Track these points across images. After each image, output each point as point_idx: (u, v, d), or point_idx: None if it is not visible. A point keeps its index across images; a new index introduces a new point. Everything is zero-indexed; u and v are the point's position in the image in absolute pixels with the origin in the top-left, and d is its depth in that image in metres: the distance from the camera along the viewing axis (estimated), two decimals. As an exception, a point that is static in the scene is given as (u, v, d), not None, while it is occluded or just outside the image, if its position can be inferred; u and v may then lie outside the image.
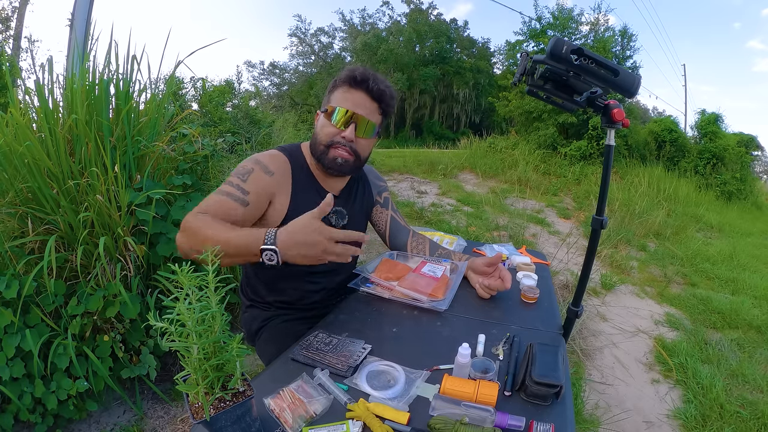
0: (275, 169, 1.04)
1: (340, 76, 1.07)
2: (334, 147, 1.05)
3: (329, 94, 1.08)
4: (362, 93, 1.04)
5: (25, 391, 1.29)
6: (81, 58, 1.67)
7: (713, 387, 1.98)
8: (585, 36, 9.77)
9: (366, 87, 1.04)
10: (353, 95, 1.04)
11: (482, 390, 0.73)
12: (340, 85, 1.06)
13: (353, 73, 1.04)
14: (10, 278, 1.28)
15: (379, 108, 1.07)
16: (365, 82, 1.03)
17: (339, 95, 1.05)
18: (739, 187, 8.58)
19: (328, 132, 1.05)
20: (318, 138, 1.07)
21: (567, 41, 0.85)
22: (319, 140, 1.07)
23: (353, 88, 1.04)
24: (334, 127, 1.04)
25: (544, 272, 1.41)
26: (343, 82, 1.05)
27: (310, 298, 1.17)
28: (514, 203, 5.72)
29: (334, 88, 1.07)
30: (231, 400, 0.59)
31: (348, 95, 1.04)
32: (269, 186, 1.03)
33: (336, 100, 1.05)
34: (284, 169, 1.07)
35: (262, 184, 1.01)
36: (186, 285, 0.55)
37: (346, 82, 1.05)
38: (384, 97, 1.06)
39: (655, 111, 22.54)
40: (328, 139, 1.05)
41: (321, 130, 1.06)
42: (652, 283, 3.52)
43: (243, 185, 0.99)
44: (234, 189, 0.98)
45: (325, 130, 1.05)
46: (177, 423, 1.57)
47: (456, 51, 25.02)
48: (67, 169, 1.46)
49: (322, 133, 1.06)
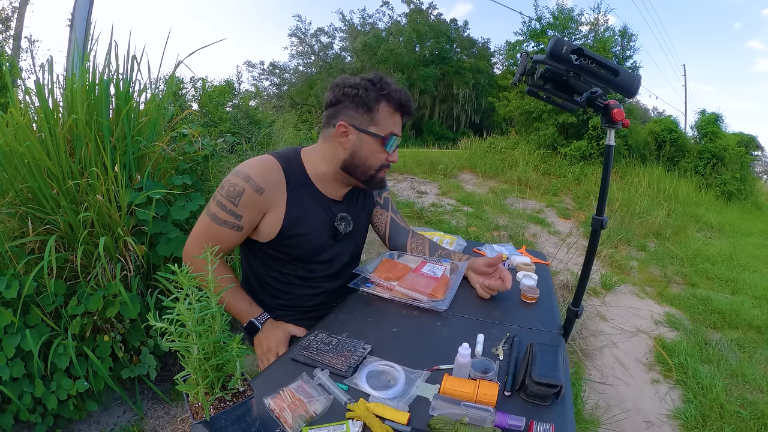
0: (266, 185, 0.98)
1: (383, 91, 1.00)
2: (382, 170, 1.07)
3: (374, 112, 1.00)
4: (399, 115, 1.05)
5: (25, 391, 1.29)
6: (81, 58, 1.67)
7: (713, 387, 1.98)
8: (585, 36, 9.77)
9: (408, 112, 1.05)
10: (398, 119, 1.05)
11: (482, 390, 0.73)
12: (382, 103, 1.01)
13: (400, 97, 1.02)
14: (10, 278, 1.28)
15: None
16: (409, 109, 1.05)
17: (389, 119, 1.02)
18: (739, 187, 8.58)
19: (381, 158, 1.05)
20: (368, 163, 1.04)
21: (567, 41, 0.85)
22: (369, 165, 1.04)
23: (396, 111, 1.03)
24: (385, 152, 1.04)
25: (544, 272, 1.41)
26: (388, 103, 1.02)
27: (311, 301, 1.16)
28: (514, 203, 5.72)
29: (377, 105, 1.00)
30: (231, 400, 0.59)
31: (396, 119, 1.04)
32: (260, 204, 0.99)
33: (385, 125, 1.02)
34: (276, 182, 1.01)
35: (254, 204, 0.98)
36: (186, 285, 0.55)
37: (392, 104, 1.02)
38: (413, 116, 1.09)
39: (655, 111, 22.54)
40: (380, 163, 1.05)
41: (373, 157, 1.03)
42: (652, 283, 3.52)
43: (236, 210, 0.97)
44: (228, 215, 0.97)
45: (378, 156, 1.04)
46: (177, 423, 1.57)
47: (456, 51, 25.02)
48: (67, 169, 1.46)
49: (374, 160, 1.04)
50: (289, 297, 1.14)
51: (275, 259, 1.09)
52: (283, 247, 1.05)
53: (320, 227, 1.08)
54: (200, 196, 1.67)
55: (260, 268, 1.13)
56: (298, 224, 1.04)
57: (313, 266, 1.11)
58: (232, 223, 0.98)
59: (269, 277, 1.12)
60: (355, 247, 1.21)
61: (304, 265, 1.10)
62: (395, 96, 1.01)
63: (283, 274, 1.11)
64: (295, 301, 1.15)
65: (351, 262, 1.22)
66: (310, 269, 1.11)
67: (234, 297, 1.06)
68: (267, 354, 1.03)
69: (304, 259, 1.09)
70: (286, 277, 1.11)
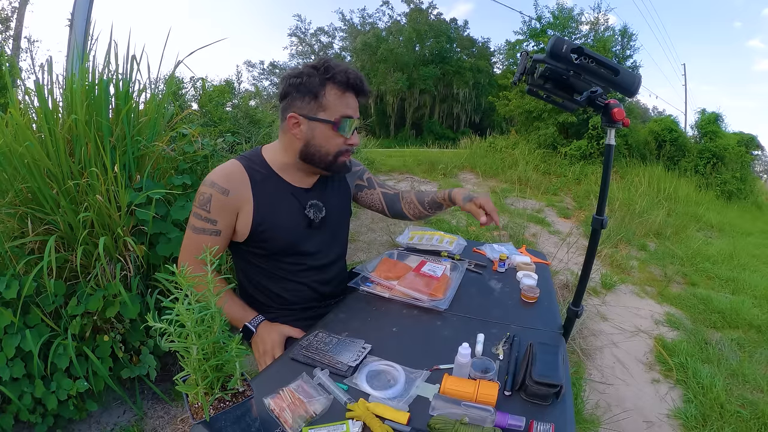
0: (230, 186, 1.00)
1: (328, 75, 0.98)
2: (342, 155, 1.04)
3: (320, 97, 0.98)
4: (353, 94, 1.01)
5: (25, 392, 1.29)
6: (81, 58, 1.67)
7: (713, 387, 1.98)
8: (585, 35, 9.77)
9: (360, 90, 1.02)
10: (349, 99, 1.01)
11: (482, 390, 0.73)
12: (329, 86, 0.98)
13: (347, 77, 0.98)
14: (10, 278, 1.28)
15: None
16: (360, 86, 1.01)
17: (338, 102, 0.99)
18: (739, 186, 8.57)
19: (337, 143, 1.02)
20: (324, 150, 1.02)
21: (567, 40, 0.85)
22: (325, 152, 1.03)
23: (347, 91, 1.00)
24: (341, 136, 1.01)
25: (544, 272, 1.41)
26: (335, 85, 0.98)
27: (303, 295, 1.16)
28: (514, 203, 5.72)
29: (322, 90, 0.98)
30: (231, 400, 0.59)
31: (345, 100, 1.00)
32: (230, 205, 1.01)
33: (335, 107, 0.99)
34: (240, 181, 1.02)
35: (223, 206, 1.00)
36: (185, 285, 0.55)
37: (339, 85, 0.99)
38: (367, 97, 1.05)
39: (655, 110, 22.51)
40: (338, 149, 1.03)
41: (328, 143, 1.02)
42: (653, 283, 3.52)
43: (209, 215, 0.99)
44: (204, 223, 0.99)
45: (334, 141, 1.02)
46: (177, 423, 1.57)
47: (456, 50, 25.00)
48: (66, 170, 1.46)
49: (331, 146, 1.02)
50: (281, 294, 1.14)
51: (259, 257, 1.10)
52: (261, 242, 1.06)
53: (291, 217, 1.07)
54: (200, 196, 1.67)
55: (249, 269, 1.13)
56: (268, 217, 1.04)
57: (295, 258, 1.11)
58: (210, 229, 1.00)
59: (260, 276, 1.13)
60: (333, 236, 1.18)
61: (287, 258, 1.10)
62: (340, 77, 0.98)
63: (270, 272, 1.11)
64: (289, 298, 1.15)
65: (335, 251, 1.20)
66: (294, 262, 1.11)
67: (228, 303, 1.06)
68: (264, 357, 1.03)
69: (285, 252, 1.09)
70: (274, 274, 1.12)
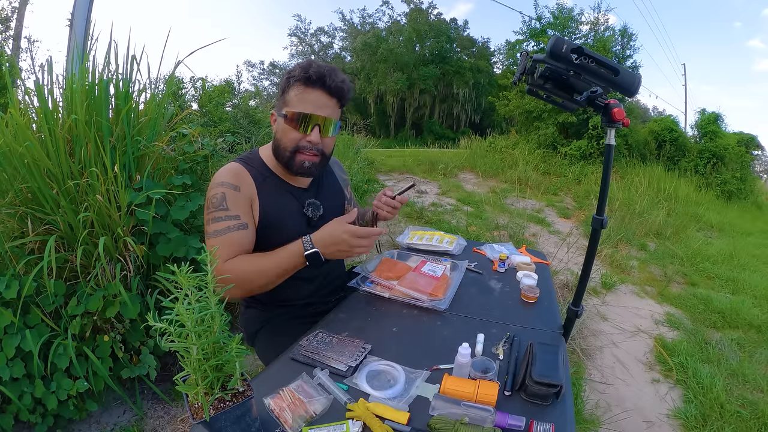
0: (239, 182, 1.02)
1: (293, 74, 0.99)
2: (300, 152, 1.02)
3: (284, 94, 1.01)
4: (320, 91, 0.99)
5: (25, 392, 1.29)
6: (81, 58, 1.67)
7: (713, 387, 1.98)
8: (585, 35, 9.77)
9: (323, 85, 0.98)
10: (311, 95, 0.99)
11: (482, 390, 0.73)
12: (294, 84, 0.99)
13: (308, 72, 0.97)
14: (10, 278, 1.28)
15: (338, 103, 1.03)
16: (322, 79, 0.98)
17: (296, 97, 0.99)
18: (739, 186, 8.57)
19: (293, 138, 1.01)
20: (282, 144, 1.02)
21: (567, 40, 0.85)
22: (283, 146, 1.02)
23: (310, 87, 0.98)
24: (297, 131, 1.00)
25: (544, 272, 1.41)
26: (298, 82, 0.98)
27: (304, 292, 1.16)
28: (514, 203, 5.72)
29: (288, 87, 1.00)
30: (231, 400, 0.59)
31: (306, 96, 0.99)
32: (243, 199, 1.02)
33: (294, 103, 0.99)
34: (244, 178, 1.04)
35: (238, 201, 1.00)
36: (185, 285, 0.55)
37: (302, 81, 0.98)
38: (342, 93, 1.02)
39: (655, 110, 22.48)
40: (293, 144, 1.01)
41: (284, 136, 1.02)
42: (653, 283, 3.52)
43: (229, 213, 0.98)
44: (228, 221, 0.98)
45: (289, 135, 1.01)
46: (177, 423, 1.57)
47: (456, 50, 24.98)
48: (66, 170, 1.46)
49: (286, 139, 1.01)
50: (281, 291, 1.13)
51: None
52: (264, 239, 1.06)
53: (292, 214, 1.09)
54: (200, 196, 1.67)
55: None
56: (272, 215, 1.05)
57: None
58: (236, 224, 0.98)
59: None
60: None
61: None
62: (299, 73, 0.98)
63: None
64: (289, 295, 1.15)
65: None
66: None
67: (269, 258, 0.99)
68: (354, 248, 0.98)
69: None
70: None
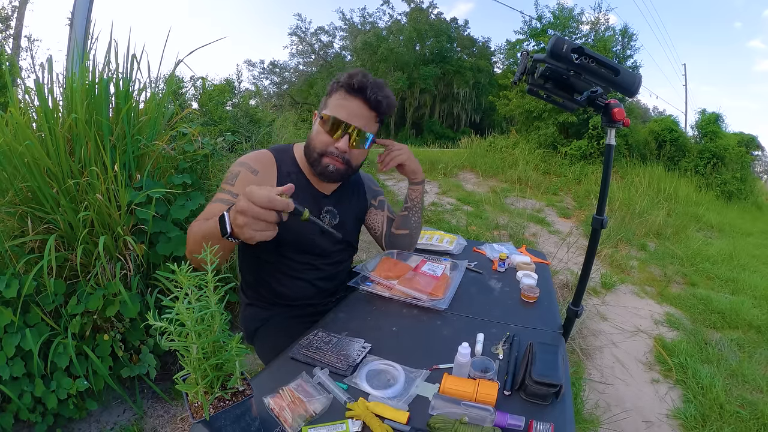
0: (260, 167, 1.04)
1: (339, 79, 1.02)
2: (326, 156, 1.02)
3: (328, 97, 1.04)
4: (360, 101, 1.00)
5: (25, 391, 1.29)
6: (81, 58, 1.67)
7: (713, 387, 1.98)
8: (585, 35, 9.76)
9: (364, 96, 0.99)
10: (350, 103, 1.00)
11: (482, 389, 0.73)
12: (338, 90, 1.01)
13: (351, 80, 0.99)
14: (10, 277, 1.28)
15: (377, 117, 1.04)
16: (363, 90, 0.99)
17: (336, 102, 1.01)
18: (739, 186, 8.57)
19: (323, 140, 1.02)
20: (312, 144, 1.04)
21: (567, 40, 0.85)
22: (312, 146, 1.04)
23: (351, 95, 1.00)
24: (328, 136, 1.01)
25: (544, 272, 1.41)
26: (341, 88, 1.01)
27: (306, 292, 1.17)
28: (514, 202, 5.72)
29: (332, 91, 1.03)
30: (230, 399, 0.59)
31: (345, 103, 1.00)
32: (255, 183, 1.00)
33: (332, 107, 1.01)
34: (269, 166, 1.06)
35: (247, 183, 1.00)
36: (185, 284, 0.55)
37: (344, 88, 1.00)
38: (381, 107, 1.02)
39: (655, 110, 22.46)
40: (322, 147, 1.02)
41: (316, 137, 1.04)
42: (652, 283, 3.52)
43: (232, 189, 1.00)
44: (225, 194, 1.00)
45: (320, 138, 1.02)
46: (177, 422, 1.57)
47: (456, 50, 24.97)
48: (66, 169, 1.46)
49: (317, 141, 1.03)
50: (284, 291, 1.15)
51: (268, 251, 1.10)
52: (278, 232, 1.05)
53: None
54: (200, 195, 1.67)
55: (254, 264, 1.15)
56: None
57: (303, 256, 1.12)
58: (228, 199, 0.99)
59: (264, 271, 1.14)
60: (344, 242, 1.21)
61: (296, 255, 1.11)
62: (345, 79, 1.00)
63: (276, 267, 1.12)
64: (291, 295, 1.16)
65: (344, 255, 1.23)
66: (302, 261, 1.12)
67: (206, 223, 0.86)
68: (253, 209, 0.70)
69: (294, 249, 1.10)
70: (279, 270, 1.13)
